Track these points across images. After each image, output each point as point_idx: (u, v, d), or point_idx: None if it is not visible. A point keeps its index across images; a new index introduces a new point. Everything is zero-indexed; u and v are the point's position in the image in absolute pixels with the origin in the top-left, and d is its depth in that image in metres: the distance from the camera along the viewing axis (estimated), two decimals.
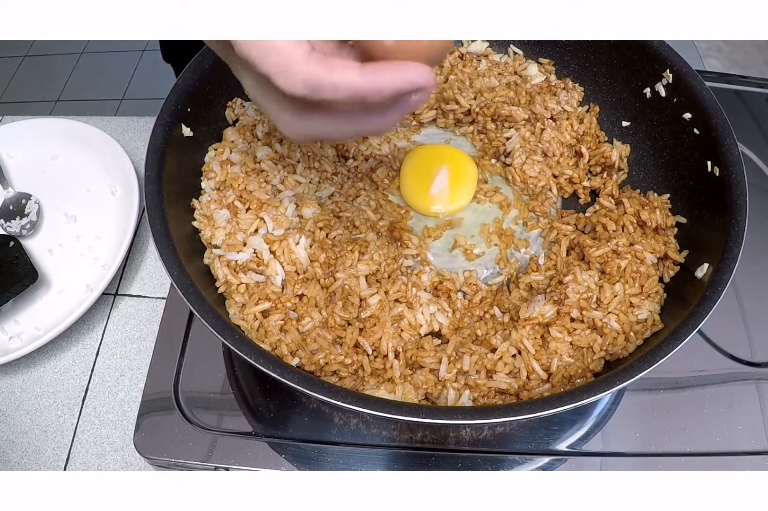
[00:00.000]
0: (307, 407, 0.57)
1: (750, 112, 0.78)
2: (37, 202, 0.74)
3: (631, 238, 0.55)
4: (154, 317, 0.67)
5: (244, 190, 0.58)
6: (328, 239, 0.56)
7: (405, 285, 0.52)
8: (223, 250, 0.54)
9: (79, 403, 0.63)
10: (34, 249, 0.71)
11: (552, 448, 0.55)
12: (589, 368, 0.50)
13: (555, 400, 0.41)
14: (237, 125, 0.63)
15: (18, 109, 2.15)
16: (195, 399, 0.58)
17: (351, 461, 0.54)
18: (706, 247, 0.51)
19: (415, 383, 0.48)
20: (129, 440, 0.58)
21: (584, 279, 0.52)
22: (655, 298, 0.52)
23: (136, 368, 0.64)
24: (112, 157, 0.74)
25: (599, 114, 0.67)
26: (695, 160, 0.55)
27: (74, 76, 2.26)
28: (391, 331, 0.50)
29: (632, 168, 0.64)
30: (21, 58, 2.34)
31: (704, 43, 2.14)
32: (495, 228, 0.61)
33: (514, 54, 0.72)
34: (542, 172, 0.63)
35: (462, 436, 0.56)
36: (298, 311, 0.51)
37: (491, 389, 0.49)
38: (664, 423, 0.57)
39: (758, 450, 0.55)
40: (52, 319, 0.65)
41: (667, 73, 0.58)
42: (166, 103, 0.54)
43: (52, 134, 0.78)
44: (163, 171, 0.51)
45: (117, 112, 2.14)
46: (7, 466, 0.59)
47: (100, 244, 0.71)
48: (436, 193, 0.61)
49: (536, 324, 0.51)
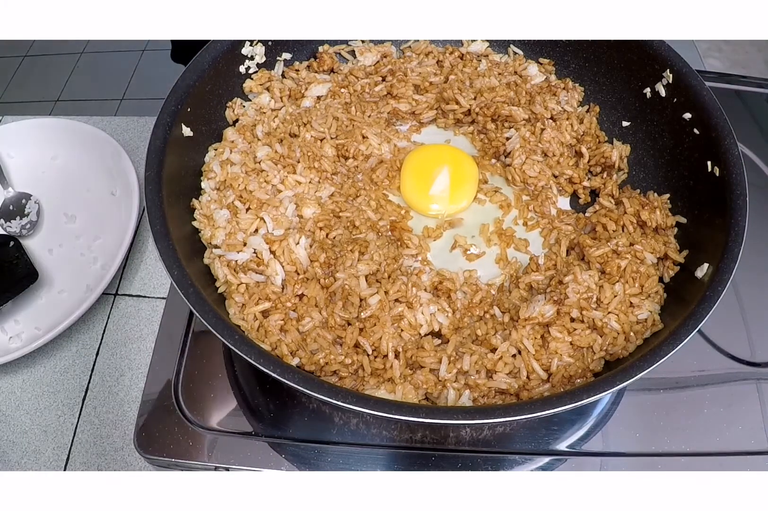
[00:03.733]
0: (307, 407, 0.57)
1: (750, 112, 0.78)
2: (37, 202, 0.74)
3: (631, 238, 0.55)
4: (154, 317, 0.67)
5: (244, 190, 0.58)
6: (328, 239, 0.56)
7: (405, 285, 0.52)
8: (223, 250, 0.54)
9: (79, 403, 0.63)
10: (34, 249, 0.71)
11: (552, 448, 0.55)
12: (589, 368, 0.50)
13: (555, 400, 0.41)
14: (237, 125, 0.63)
15: (18, 109, 2.15)
16: (195, 399, 0.58)
17: (351, 461, 0.54)
18: (706, 247, 0.51)
19: (415, 383, 0.48)
20: (129, 440, 0.58)
21: (584, 279, 0.52)
22: (655, 298, 0.52)
23: (136, 368, 0.64)
24: (112, 157, 0.74)
25: (599, 114, 0.67)
26: (695, 160, 0.55)
27: (74, 76, 2.26)
28: (391, 331, 0.50)
29: (632, 168, 0.64)
30: (21, 58, 2.33)
31: (704, 43, 2.14)
32: (495, 228, 0.61)
33: (514, 54, 0.72)
34: (542, 172, 0.63)
35: (462, 436, 0.56)
36: (298, 311, 0.51)
37: (491, 389, 0.49)
38: (664, 423, 0.57)
39: (758, 450, 0.55)
40: (52, 319, 0.65)
41: (667, 73, 0.58)
42: (166, 103, 0.54)
43: (52, 134, 0.78)
44: (163, 171, 0.51)
45: (117, 112, 2.14)
46: (7, 466, 0.59)
47: (100, 244, 0.71)
48: (436, 193, 0.61)
49: (536, 324, 0.51)
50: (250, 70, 0.64)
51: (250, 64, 0.64)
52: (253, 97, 0.65)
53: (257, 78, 0.64)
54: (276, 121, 0.62)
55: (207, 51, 0.57)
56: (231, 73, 0.63)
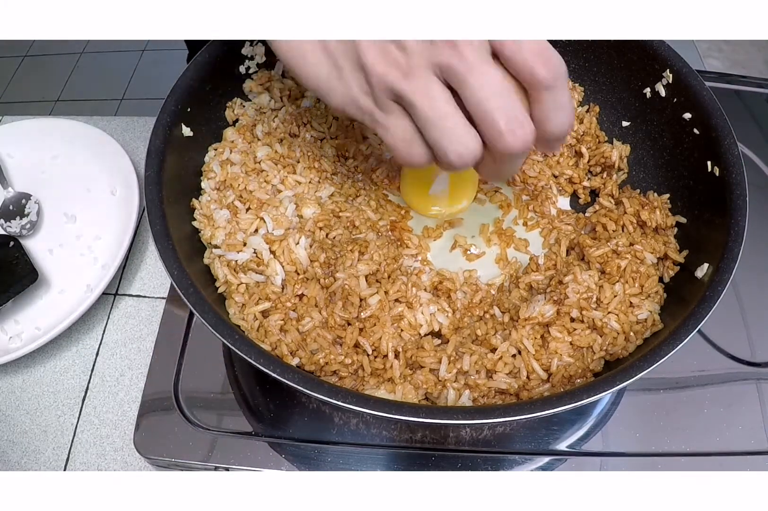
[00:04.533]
0: (307, 407, 0.57)
1: (750, 112, 0.78)
2: (37, 202, 0.74)
3: (630, 238, 0.55)
4: (154, 317, 0.67)
5: (244, 190, 0.58)
6: (328, 239, 0.56)
7: (405, 285, 0.52)
8: (223, 250, 0.54)
9: (79, 403, 0.63)
10: (34, 249, 0.71)
11: (552, 448, 0.55)
12: (589, 368, 0.50)
13: (555, 400, 0.40)
14: (237, 125, 0.63)
15: (18, 109, 2.15)
16: (195, 399, 0.58)
17: (351, 461, 0.54)
18: (706, 247, 0.51)
19: (415, 383, 0.48)
20: (129, 440, 0.58)
21: (584, 279, 0.52)
22: (655, 298, 0.52)
23: (136, 368, 0.64)
24: (112, 157, 0.74)
25: (599, 114, 0.67)
26: (695, 160, 0.55)
27: (74, 76, 2.26)
28: (391, 331, 0.50)
29: (632, 168, 0.64)
30: (21, 58, 2.34)
31: (704, 43, 2.14)
32: (495, 228, 0.61)
33: None
34: (542, 172, 0.63)
35: (462, 436, 0.56)
36: (298, 311, 0.51)
37: (491, 389, 0.49)
38: (664, 423, 0.57)
39: (758, 450, 0.55)
40: (52, 319, 0.65)
41: (667, 73, 0.58)
42: (166, 103, 0.54)
43: (52, 134, 0.78)
44: (163, 171, 0.51)
45: (117, 112, 2.14)
46: (7, 466, 0.59)
47: (100, 244, 0.71)
48: (436, 193, 0.61)
49: (536, 324, 0.51)
50: (250, 70, 0.64)
51: (250, 64, 0.63)
52: (253, 97, 0.65)
53: (257, 78, 0.64)
54: (276, 121, 0.62)
55: (207, 51, 0.57)
56: (231, 73, 0.62)
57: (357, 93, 0.40)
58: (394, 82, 0.38)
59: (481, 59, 0.37)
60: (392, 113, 0.40)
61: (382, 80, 0.38)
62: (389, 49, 0.37)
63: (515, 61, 0.38)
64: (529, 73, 0.38)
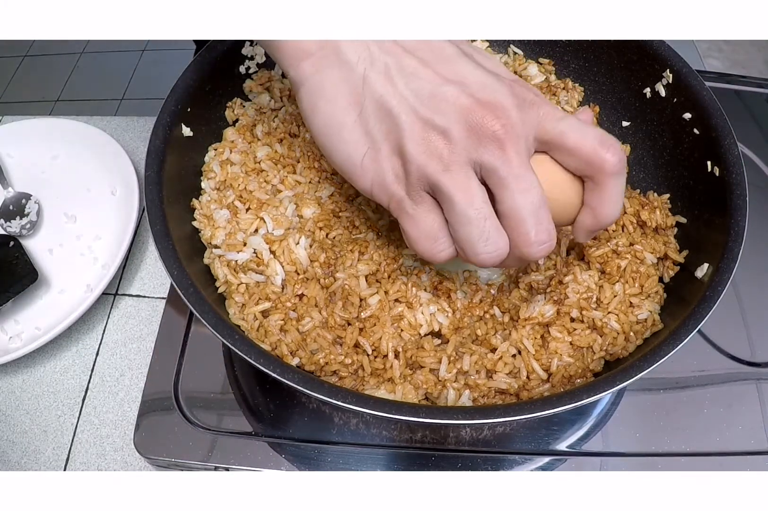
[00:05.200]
0: (307, 407, 0.57)
1: (750, 112, 0.78)
2: (37, 202, 0.74)
3: (630, 238, 0.55)
4: (154, 317, 0.67)
5: (244, 190, 0.58)
6: (328, 239, 0.56)
7: (405, 285, 0.52)
8: (223, 250, 0.54)
9: (79, 403, 0.63)
10: (34, 249, 0.71)
11: (552, 448, 0.55)
12: (589, 368, 0.50)
13: (555, 400, 0.40)
14: (237, 125, 0.63)
15: (18, 109, 2.15)
16: (195, 399, 0.58)
17: (351, 461, 0.54)
18: (706, 247, 0.51)
19: (415, 383, 0.48)
20: (129, 440, 0.58)
21: (584, 279, 0.52)
22: (655, 298, 0.52)
23: (136, 368, 0.64)
24: (112, 157, 0.74)
25: (599, 114, 0.67)
26: (695, 160, 0.55)
27: (74, 76, 2.26)
28: (391, 331, 0.50)
29: (632, 168, 0.64)
30: (21, 58, 2.34)
31: (704, 43, 2.14)
32: None
33: (514, 54, 0.72)
34: None
35: (462, 436, 0.56)
36: (298, 311, 0.51)
37: (491, 389, 0.49)
38: (664, 423, 0.57)
39: (758, 450, 0.55)
40: (52, 319, 0.65)
41: (667, 73, 0.58)
42: (166, 103, 0.54)
43: (52, 134, 0.78)
44: (163, 171, 0.51)
45: (117, 112, 2.14)
46: (7, 466, 0.59)
47: (100, 244, 0.71)
48: None
49: (536, 324, 0.51)
50: (250, 70, 0.64)
51: (250, 64, 0.63)
52: (253, 97, 0.65)
53: (257, 78, 0.64)
54: (276, 121, 0.62)
55: (207, 51, 0.57)
56: (231, 73, 0.63)
57: (390, 178, 0.39)
58: (434, 174, 0.36)
59: (524, 162, 0.36)
60: (422, 204, 0.38)
61: (422, 170, 0.36)
62: (433, 137, 0.36)
63: (582, 150, 0.37)
64: (599, 161, 0.37)
